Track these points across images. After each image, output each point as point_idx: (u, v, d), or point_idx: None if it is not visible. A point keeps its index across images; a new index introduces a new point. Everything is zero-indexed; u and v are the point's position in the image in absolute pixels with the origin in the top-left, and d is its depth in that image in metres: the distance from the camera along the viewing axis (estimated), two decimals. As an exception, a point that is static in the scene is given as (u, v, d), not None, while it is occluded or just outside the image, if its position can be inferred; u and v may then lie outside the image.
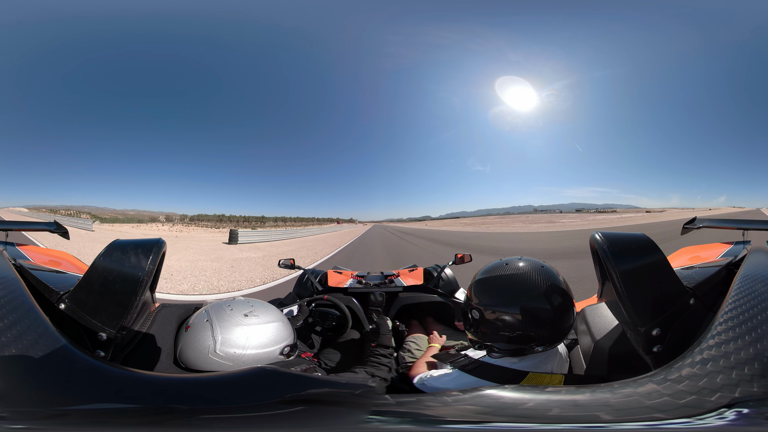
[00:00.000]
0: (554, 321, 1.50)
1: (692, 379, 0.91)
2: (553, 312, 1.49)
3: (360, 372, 1.74)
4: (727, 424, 0.84)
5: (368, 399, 1.08)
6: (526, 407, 0.93)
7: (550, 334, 1.51)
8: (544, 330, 1.50)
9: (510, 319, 1.50)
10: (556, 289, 1.51)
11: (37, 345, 1.00)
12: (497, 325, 1.53)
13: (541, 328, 1.49)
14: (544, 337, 1.51)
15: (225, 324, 1.54)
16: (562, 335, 1.56)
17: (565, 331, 1.55)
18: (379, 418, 0.96)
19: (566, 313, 1.52)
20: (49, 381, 0.96)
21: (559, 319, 1.51)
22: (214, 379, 1.18)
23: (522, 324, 1.49)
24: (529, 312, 1.49)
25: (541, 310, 1.49)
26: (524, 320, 1.48)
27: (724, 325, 1.02)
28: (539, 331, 1.49)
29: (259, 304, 1.68)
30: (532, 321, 1.49)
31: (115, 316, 1.28)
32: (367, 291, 2.69)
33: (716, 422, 0.84)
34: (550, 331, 1.51)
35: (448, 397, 1.02)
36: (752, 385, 0.88)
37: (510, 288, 1.53)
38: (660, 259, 1.30)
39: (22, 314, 1.10)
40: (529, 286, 1.50)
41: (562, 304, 1.51)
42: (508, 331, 1.51)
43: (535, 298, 1.49)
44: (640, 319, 1.24)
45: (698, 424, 0.84)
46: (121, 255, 1.34)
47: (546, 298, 1.49)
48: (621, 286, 1.24)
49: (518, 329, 1.50)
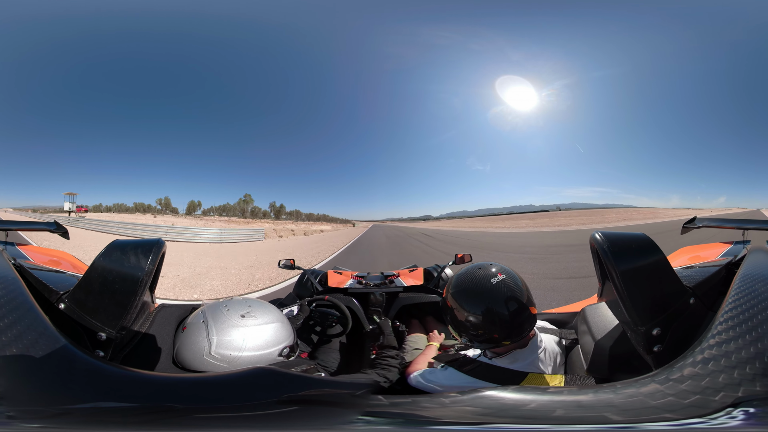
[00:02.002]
0: (510, 322, 1.58)
1: (695, 379, 0.91)
2: (509, 315, 1.58)
3: (371, 374, 1.74)
4: (740, 423, 0.83)
5: (364, 400, 1.08)
6: (528, 408, 0.93)
7: (509, 332, 1.60)
8: (503, 329, 1.59)
9: (474, 320, 1.61)
10: (511, 294, 1.60)
11: (37, 345, 1.00)
12: (465, 324, 1.63)
13: (501, 328, 1.59)
14: (504, 335, 1.61)
15: (221, 325, 1.53)
16: (520, 332, 1.62)
17: (521, 327, 1.62)
18: (371, 419, 0.96)
19: (521, 314, 1.60)
20: (50, 380, 0.96)
21: (514, 319, 1.59)
22: (211, 378, 1.18)
23: (483, 324, 1.60)
24: (488, 314, 1.59)
25: (497, 314, 1.58)
26: (485, 321, 1.59)
27: (725, 324, 1.02)
28: (499, 330, 1.59)
29: (258, 305, 1.66)
30: (491, 322, 1.59)
31: (114, 316, 1.28)
32: (367, 291, 2.69)
33: (728, 422, 0.84)
34: (509, 330, 1.60)
35: (445, 398, 1.02)
36: (755, 384, 0.88)
37: (474, 292, 1.63)
38: (660, 258, 1.30)
39: (22, 314, 1.10)
40: (489, 291, 1.60)
41: (518, 309, 1.59)
42: (473, 329, 1.62)
43: (493, 302, 1.58)
44: (640, 319, 1.24)
45: (711, 425, 0.84)
46: (121, 255, 1.34)
47: (505, 303, 1.58)
48: (621, 285, 1.24)
49: (480, 329, 1.61)
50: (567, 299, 6.69)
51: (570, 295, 7.20)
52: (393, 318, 2.61)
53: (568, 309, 1.68)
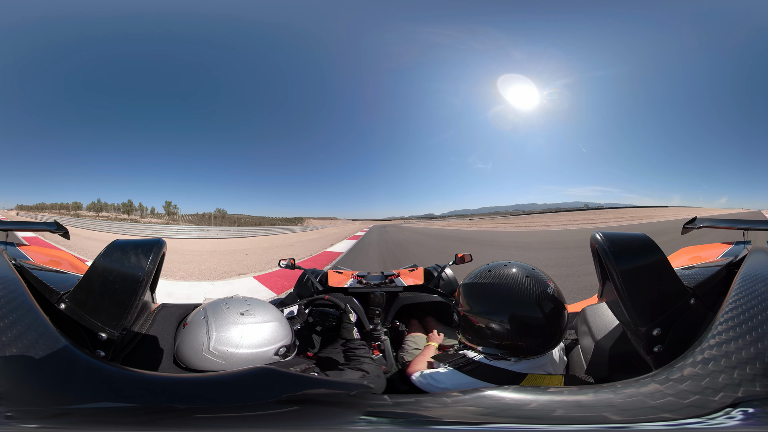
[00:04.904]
0: (545, 329, 1.46)
1: (694, 379, 0.91)
2: (545, 319, 1.45)
3: (345, 370, 1.72)
4: (738, 423, 0.83)
5: (365, 399, 1.08)
6: (528, 408, 0.93)
7: (541, 342, 1.47)
8: (535, 339, 1.46)
9: (498, 328, 1.46)
10: (546, 296, 1.47)
11: (37, 345, 1.00)
12: (485, 332, 1.49)
13: (532, 337, 1.45)
14: (534, 346, 1.47)
15: (220, 322, 1.54)
16: (555, 342, 1.51)
17: (557, 338, 1.50)
18: (372, 419, 0.96)
19: (557, 320, 1.47)
20: (50, 380, 0.96)
21: (551, 326, 1.46)
22: (212, 378, 1.18)
23: (511, 333, 1.45)
24: (518, 321, 1.44)
25: (532, 319, 1.44)
26: (513, 329, 1.44)
27: (725, 324, 1.02)
28: (529, 340, 1.45)
29: (257, 303, 1.67)
30: (521, 330, 1.44)
31: (115, 316, 1.28)
32: (367, 291, 2.69)
33: (727, 422, 0.84)
34: (541, 340, 1.47)
35: (447, 398, 1.02)
36: (755, 384, 0.88)
37: (499, 296, 1.48)
38: (660, 258, 1.30)
39: (23, 314, 1.10)
40: (518, 293, 1.45)
41: (553, 311, 1.46)
42: (496, 339, 1.48)
43: (525, 306, 1.44)
44: (640, 319, 1.24)
45: (709, 425, 0.84)
46: (121, 255, 1.34)
47: (537, 306, 1.45)
48: (621, 285, 1.24)
49: (506, 338, 1.46)
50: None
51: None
52: (393, 318, 2.62)
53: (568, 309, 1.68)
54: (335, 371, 1.71)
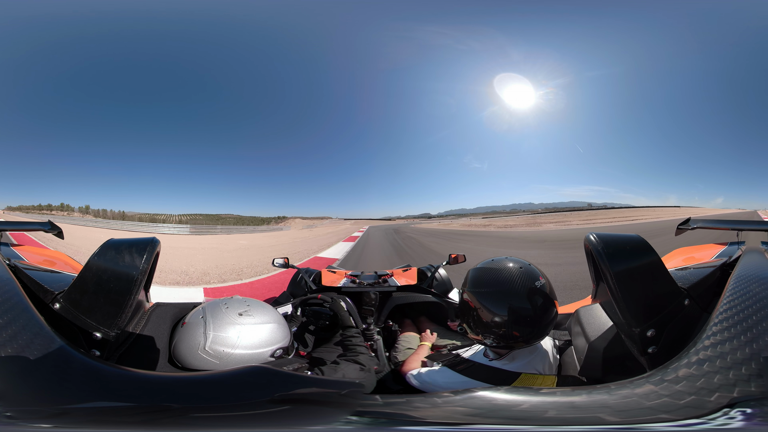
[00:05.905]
0: (532, 320, 1.54)
1: (689, 380, 0.91)
2: (533, 311, 1.53)
3: (341, 363, 1.73)
4: (735, 424, 0.84)
5: (356, 399, 1.08)
6: (520, 409, 0.93)
7: (531, 331, 1.56)
8: (522, 328, 1.54)
9: (497, 319, 1.54)
10: (535, 289, 1.55)
11: (32, 345, 1.00)
12: (487, 323, 1.57)
13: (519, 326, 1.54)
14: (527, 335, 1.56)
15: (218, 322, 1.54)
16: (540, 333, 1.60)
17: (543, 329, 1.59)
18: (361, 419, 0.96)
19: (544, 313, 1.56)
20: (46, 380, 0.96)
21: (537, 317, 1.54)
22: (207, 377, 1.18)
23: (507, 323, 1.53)
24: (513, 311, 1.53)
25: (523, 310, 1.53)
26: (509, 319, 1.53)
27: (719, 325, 1.03)
28: (517, 328, 1.54)
29: (256, 304, 1.67)
30: (515, 320, 1.53)
31: (109, 316, 1.28)
32: (360, 290, 2.69)
33: (723, 423, 0.84)
34: (529, 329, 1.55)
35: (438, 398, 1.02)
36: (749, 384, 0.88)
37: (494, 282, 1.59)
38: (654, 260, 1.31)
39: (17, 314, 1.09)
40: (510, 282, 1.56)
41: (541, 304, 1.55)
42: (495, 328, 1.56)
43: (515, 295, 1.53)
44: (634, 320, 1.25)
45: (706, 425, 0.84)
46: (116, 254, 1.34)
47: (526, 297, 1.53)
48: (615, 287, 1.25)
49: (503, 327, 1.54)
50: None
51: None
52: (386, 317, 2.62)
53: (561, 310, 1.69)
54: (331, 365, 1.72)
